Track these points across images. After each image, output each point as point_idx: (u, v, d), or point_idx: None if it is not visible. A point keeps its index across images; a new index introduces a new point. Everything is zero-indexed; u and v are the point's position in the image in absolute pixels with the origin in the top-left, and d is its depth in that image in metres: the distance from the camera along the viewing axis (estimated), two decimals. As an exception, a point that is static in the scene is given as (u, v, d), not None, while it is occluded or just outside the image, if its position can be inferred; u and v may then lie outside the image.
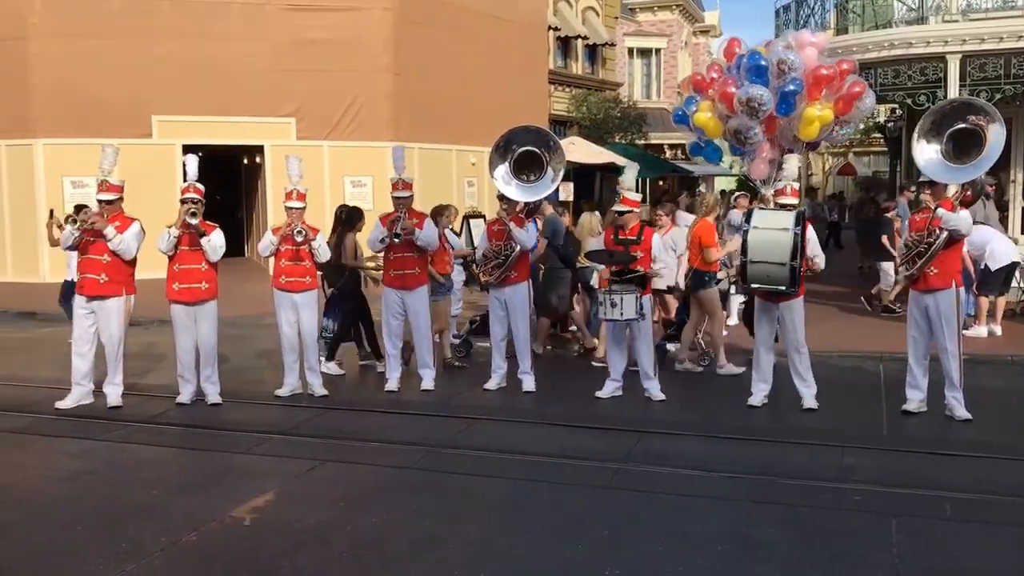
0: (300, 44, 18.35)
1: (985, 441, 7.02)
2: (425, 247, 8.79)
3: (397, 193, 8.76)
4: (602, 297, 8.20)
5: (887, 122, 27.69)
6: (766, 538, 5.19)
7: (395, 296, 8.80)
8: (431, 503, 5.82)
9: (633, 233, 8.39)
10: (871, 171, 42.91)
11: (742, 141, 11.05)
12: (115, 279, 8.07)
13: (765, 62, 10.85)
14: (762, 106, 10.53)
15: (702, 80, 11.23)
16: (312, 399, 8.51)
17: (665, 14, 36.86)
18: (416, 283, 8.80)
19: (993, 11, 15.09)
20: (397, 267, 8.77)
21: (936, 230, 7.45)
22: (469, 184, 21.25)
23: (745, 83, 10.97)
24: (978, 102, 7.55)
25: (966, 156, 7.33)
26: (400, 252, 8.71)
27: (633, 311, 8.07)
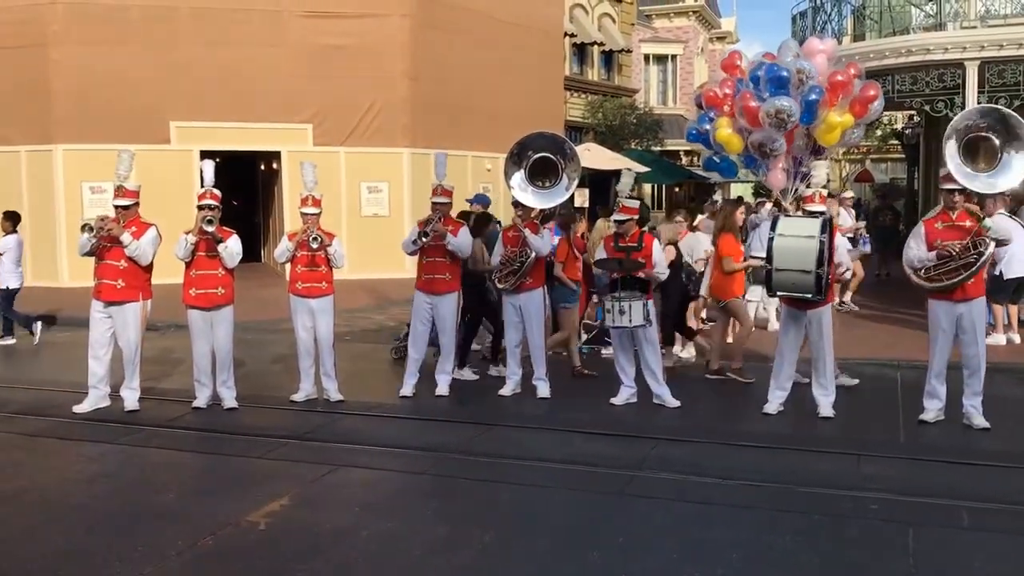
0: (317, 50, 18.44)
1: (1003, 450, 6.97)
2: (457, 253, 8.79)
3: (436, 199, 8.83)
4: (610, 304, 8.18)
5: (905, 129, 27.57)
6: (783, 546, 5.16)
7: (424, 300, 8.84)
8: (446, 508, 5.83)
9: (633, 240, 8.38)
10: (888, 178, 42.65)
11: (766, 154, 10.98)
12: (132, 284, 8.12)
13: (787, 72, 10.80)
14: (790, 117, 10.48)
15: (715, 96, 11.15)
16: (328, 404, 8.53)
17: (681, 20, 36.85)
18: (446, 288, 8.82)
19: (1012, 17, 15.03)
20: (428, 271, 8.81)
21: (984, 240, 7.30)
22: (484, 190, 21.28)
23: (767, 95, 10.89)
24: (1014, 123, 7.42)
25: (976, 162, 7.30)
26: (432, 257, 8.76)
27: (641, 317, 8.08)
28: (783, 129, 10.53)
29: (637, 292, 8.19)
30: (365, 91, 18.84)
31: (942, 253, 7.42)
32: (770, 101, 10.41)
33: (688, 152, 33.70)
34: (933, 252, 7.46)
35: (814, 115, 10.78)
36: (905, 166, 31.43)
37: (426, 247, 8.72)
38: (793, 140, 11.28)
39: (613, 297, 8.19)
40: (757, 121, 10.45)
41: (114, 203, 8.21)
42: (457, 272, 8.98)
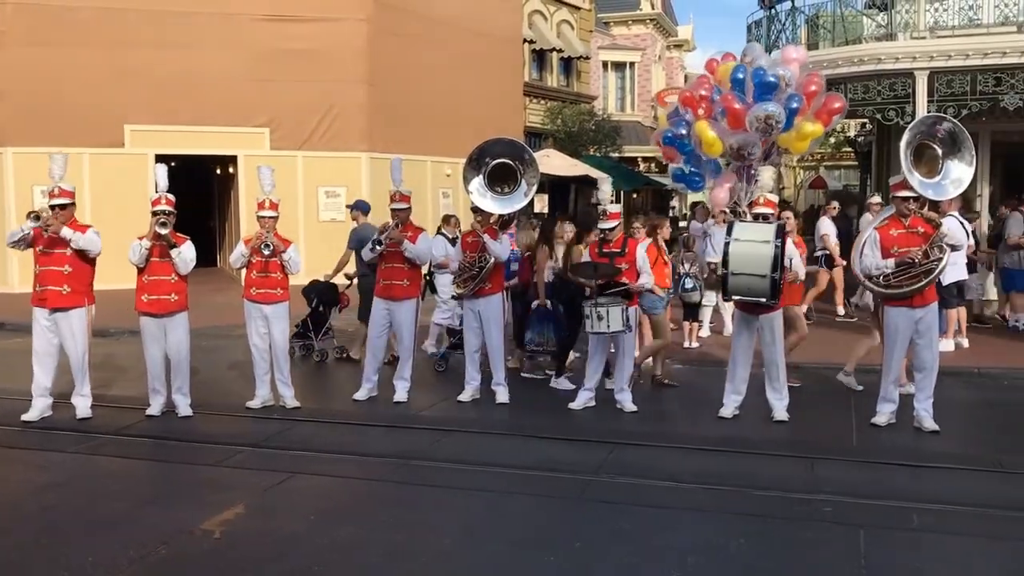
0: (274, 54, 18.30)
1: (952, 453, 7.11)
2: (415, 260, 8.76)
3: (394, 205, 8.81)
4: (588, 310, 8.20)
5: (857, 136, 28.06)
6: (737, 549, 5.21)
7: (382, 307, 8.80)
8: (403, 515, 5.80)
9: (618, 246, 8.43)
10: (842, 184, 43.36)
11: (743, 157, 11.07)
12: (77, 289, 7.97)
13: (775, 78, 10.90)
14: (778, 123, 10.59)
15: (691, 97, 11.20)
16: (284, 411, 8.46)
17: (639, 28, 37.16)
18: (403, 295, 8.78)
19: (959, 28, 15.38)
20: (386, 277, 8.77)
21: (941, 246, 7.42)
22: (444, 195, 21.26)
23: (750, 99, 10.97)
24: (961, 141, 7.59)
25: (919, 168, 7.47)
26: (390, 263, 8.72)
27: (620, 323, 8.10)
28: (768, 135, 10.64)
29: (618, 298, 8.21)
30: (322, 95, 18.73)
31: (902, 260, 7.51)
32: (759, 106, 10.50)
33: (647, 158, 33.96)
34: (891, 259, 7.56)
35: (791, 123, 10.93)
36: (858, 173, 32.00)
37: (384, 253, 8.68)
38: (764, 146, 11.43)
39: (591, 303, 8.20)
40: (739, 123, 10.51)
41: (50, 203, 8.03)
42: (416, 278, 8.93)
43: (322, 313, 11.02)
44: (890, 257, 7.55)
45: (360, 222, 11.02)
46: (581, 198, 27.20)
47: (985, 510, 5.81)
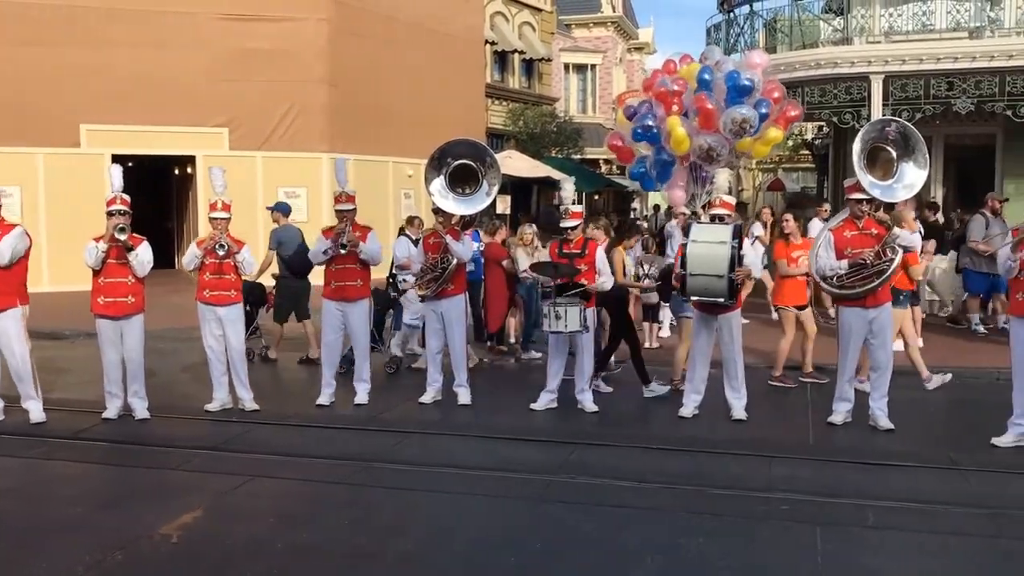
0: (234, 54, 18.13)
1: (906, 451, 7.23)
2: (368, 260, 8.71)
3: (340, 206, 8.71)
4: (547, 309, 8.23)
5: (814, 139, 28.42)
6: (696, 548, 5.26)
7: (335, 308, 8.73)
8: (364, 518, 5.78)
9: (578, 247, 8.46)
10: (800, 187, 43.89)
11: (710, 158, 11.14)
12: (6, 291, 7.79)
13: (749, 82, 10.99)
14: (751, 127, 10.67)
15: (666, 92, 11.24)
16: (243, 414, 8.38)
17: (600, 31, 37.35)
18: (357, 295, 8.72)
19: (914, 33, 15.66)
20: (338, 279, 8.68)
21: (894, 247, 7.55)
22: (406, 196, 21.19)
23: (722, 101, 11.05)
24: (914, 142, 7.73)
25: (874, 171, 7.61)
26: (342, 264, 8.65)
27: (577, 323, 8.14)
28: (740, 137, 10.72)
29: (576, 298, 8.25)
30: (283, 95, 18.59)
31: (856, 261, 7.63)
32: (734, 109, 10.57)
33: (608, 160, 34.11)
34: (844, 260, 7.68)
35: (758, 128, 11.04)
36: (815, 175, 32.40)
37: (334, 255, 8.61)
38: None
39: (550, 302, 8.23)
40: (710, 124, 10.58)
41: None
42: (368, 278, 8.88)
43: (249, 313, 10.83)
44: (844, 258, 7.67)
45: (281, 223, 11.04)
46: (543, 199, 27.28)
47: (938, 506, 5.92)
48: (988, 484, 6.36)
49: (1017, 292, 7.10)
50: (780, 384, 9.42)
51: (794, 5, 17.96)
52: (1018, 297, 7.09)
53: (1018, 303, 7.09)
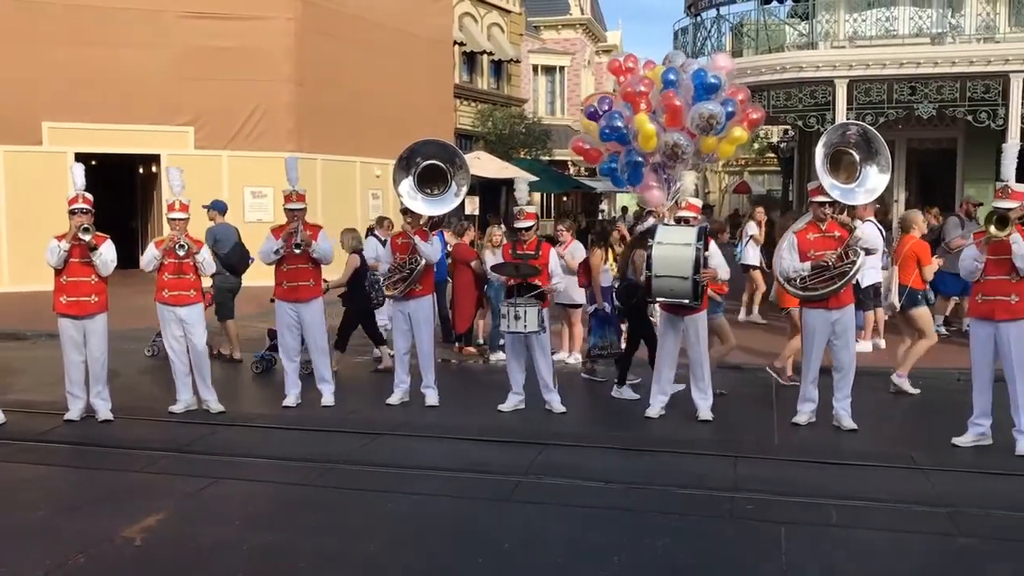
0: (200, 52, 17.97)
1: (870, 450, 7.32)
2: (320, 260, 8.67)
3: (291, 205, 8.66)
4: (505, 310, 8.25)
5: (780, 142, 28.70)
6: (663, 548, 5.29)
7: (288, 309, 8.66)
8: (330, 520, 5.75)
9: (531, 248, 8.48)
10: (765, 189, 44.33)
11: (675, 156, 11.18)
12: None
13: (716, 79, 11.04)
14: (719, 124, 10.72)
15: (633, 92, 11.25)
16: (208, 415, 8.30)
17: (569, 33, 37.43)
18: (310, 295, 8.68)
19: (877, 39, 15.87)
20: (291, 279, 8.62)
21: (855, 250, 7.64)
22: (374, 196, 21.13)
23: (690, 99, 11.07)
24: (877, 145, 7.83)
25: (838, 174, 7.72)
26: (293, 264, 8.58)
27: (536, 324, 8.17)
28: (707, 133, 10.77)
29: (533, 299, 8.28)
30: (249, 94, 18.45)
31: (818, 263, 7.73)
32: (701, 105, 10.60)
33: (576, 162, 34.22)
34: (807, 262, 7.78)
35: (724, 126, 11.11)
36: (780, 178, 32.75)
37: (285, 255, 8.54)
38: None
39: (509, 303, 8.25)
40: (677, 121, 10.61)
41: None
42: (320, 277, 8.82)
43: None
44: (807, 260, 7.76)
45: (217, 221, 11.06)
46: (512, 201, 27.31)
47: (900, 505, 6.00)
48: (948, 483, 6.45)
49: (977, 294, 7.22)
50: (774, 376, 9.51)
51: (760, 10, 18.16)
52: (977, 299, 7.21)
53: (977, 305, 7.21)
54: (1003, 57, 14.38)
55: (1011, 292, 6.96)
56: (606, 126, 11.38)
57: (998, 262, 6.98)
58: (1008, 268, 6.93)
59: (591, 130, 12.13)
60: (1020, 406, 7.04)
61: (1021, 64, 14.21)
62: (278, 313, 8.74)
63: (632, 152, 11.35)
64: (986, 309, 7.10)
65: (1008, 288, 6.97)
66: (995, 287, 7.03)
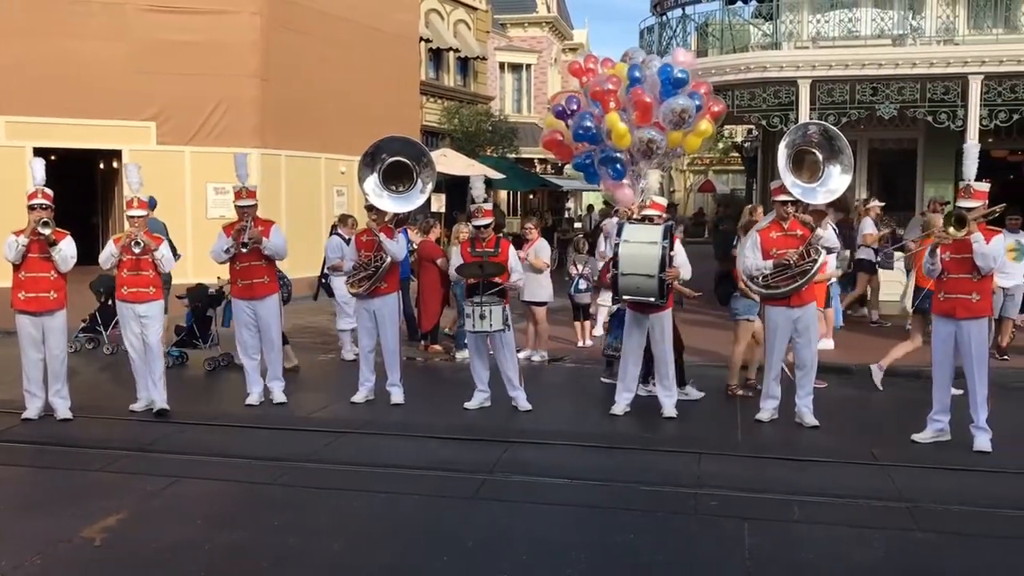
0: (162, 46, 17.72)
1: (830, 447, 7.41)
2: (272, 255, 8.61)
3: (241, 202, 8.60)
4: (470, 309, 8.24)
5: (744, 142, 28.95)
6: (628, 544, 5.32)
7: (244, 307, 8.60)
8: (293, 519, 5.71)
9: (491, 245, 8.48)
10: (729, 188, 44.69)
11: (650, 152, 11.22)
12: None
13: (683, 74, 11.09)
14: (690, 117, 10.77)
15: (602, 91, 11.28)
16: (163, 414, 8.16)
17: (535, 31, 37.46)
18: (264, 292, 8.62)
19: (840, 40, 16.04)
20: (244, 277, 8.56)
21: (817, 248, 7.73)
22: (339, 193, 20.97)
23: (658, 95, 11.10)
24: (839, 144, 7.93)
25: (801, 174, 7.81)
26: (246, 262, 8.52)
27: (500, 322, 8.17)
28: (679, 128, 10.81)
29: (496, 297, 8.27)
30: (212, 89, 18.22)
31: (780, 262, 7.80)
32: (673, 99, 10.65)
33: (543, 160, 34.26)
34: (770, 261, 7.85)
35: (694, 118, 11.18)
36: (744, 177, 33.05)
37: (237, 253, 8.48)
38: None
39: (473, 302, 8.23)
40: (647, 118, 10.64)
41: None
42: (274, 274, 8.78)
43: (111, 307, 10.55)
44: (770, 259, 7.83)
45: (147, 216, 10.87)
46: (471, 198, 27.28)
47: (860, 500, 6.07)
48: (907, 479, 6.54)
49: (939, 292, 7.30)
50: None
51: (725, 9, 18.28)
52: (940, 297, 7.29)
53: (939, 303, 7.30)
54: (962, 59, 14.60)
55: (972, 291, 7.06)
56: (578, 126, 11.41)
57: (960, 261, 7.06)
58: (969, 267, 7.02)
59: (559, 127, 12.15)
60: (979, 404, 7.16)
61: (979, 66, 14.43)
62: (234, 311, 8.71)
63: (607, 149, 11.38)
64: (948, 307, 7.19)
65: (969, 287, 7.07)
66: (957, 286, 7.12)
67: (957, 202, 7.29)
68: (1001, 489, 6.36)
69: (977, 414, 7.18)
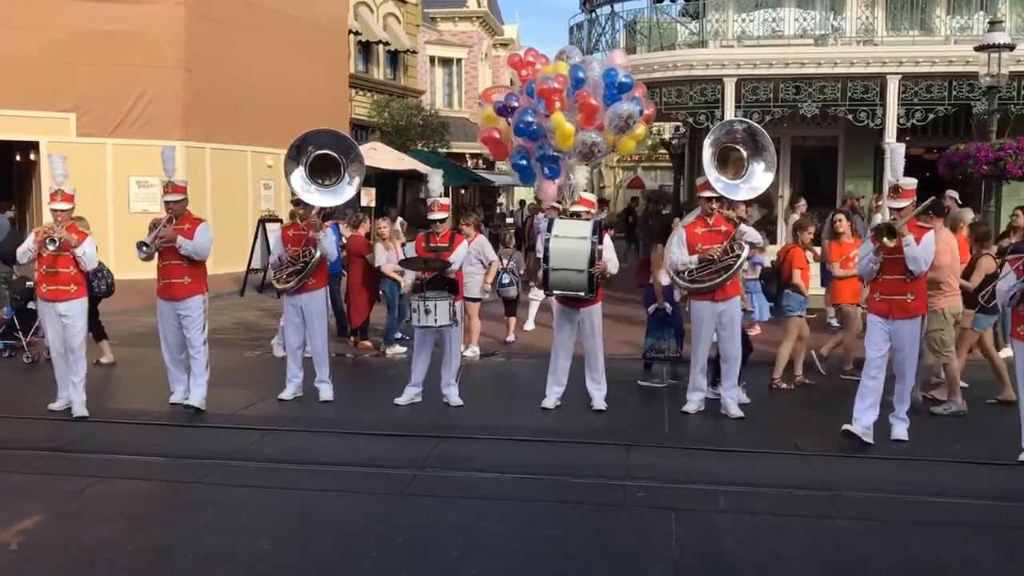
0: (83, 35, 17.25)
1: (755, 438, 7.57)
2: (191, 256, 8.11)
3: (168, 197, 8.17)
4: (415, 304, 8.18)
5: (672, 139, 29.33)
6: (558, 537, 5.36)
7: (166, 307, 8.22)
8: (219, 518, 5.61)
9: (445, 240, 8.45)
10: (658, 184, 45.23)
11: (591, 154, 11.24)
12: None
13: (627, 79, 11.13)
14: (634, 123, 10.82)
15: (548, 89, 11.24)
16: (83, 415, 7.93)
17: (466, 25, 37.37)
18: (185, 293, 8.13)
19: (764, 39, 16.35)
20: (164, 276, 8.13)
21: (740, 244, 7.86)
22: (266, 187, 20.67)
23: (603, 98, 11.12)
24: (763, 141, 8.09)
25: (726, 170, 7.96)
26: (168, 260, 8.09)
27: (447, 317, 8.13)
28: (624, 132, 10.86)
29: (444, 292, 8.22)
30: (135, 80, 17.81)
31: (704, 257, 7.94)
32: (619, 104, 10.68)
33: (474, 155, 34.22)
34: (695, 256, 7.98)
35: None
36: (672, 173, 33.50)
37: (161, 250, 8.06)
38: None
39: (419, 296, 8.17)
40: (591, 120, 10.66)
41: None
42: (198, 274, 8.25)
43: (32, 311, 10.01)
44: (695, 254, 7.96)
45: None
46: (409, 192, 27.12)
47: (784, 490, 6.22)
48: (828, 468, 6.71)
49: (875, 293, 7.35)
50: (852, 378, 9.00)
51: (653, 8, 18.48)
52: (876, 297, 7.33)
53: (875, 303, 7.33)
54: (880, 59, 15.02)
55: (907, 291, 7.17)
56: (520, 121, 11.34)
57: (894, 262, 7.16)
58: (903, 268, 7.12)
59: (498, 124, 12.04)
60: (904, 398, 7.33)
61: (897, 66, 14.87)
62: (158, 311, 8.31)
63: (546, 147, 11.38)
64: (884, 308, 7.24)
65: (904, 287, 7.17)
66: (892, 286, 7.21)
67: (888, 202, 7.38)
68: (916, 476, 6.58)
69: (899, 405, 7.37)
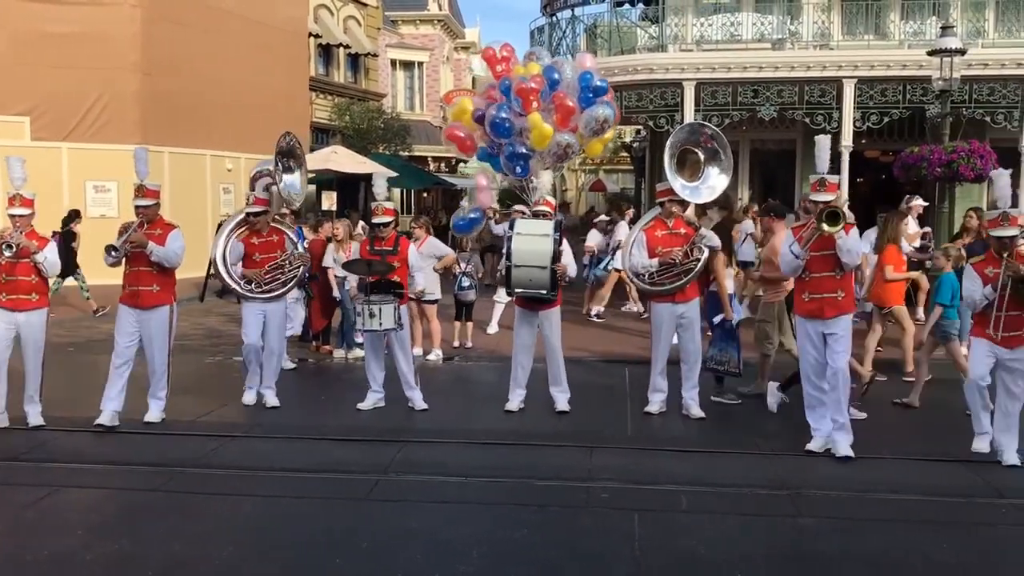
0: (37, 37, 16.97)
1: (717, 438, 7.64)
2: (162, 263, 7.83)
3: (139, 201, 7.94)
4: (360, 308, 8.14)
5: (633, 142, 29.49)
6: (521, 540, 5.37)
7: (128, 315, 7.87)
8: (180, 526, 5.55)
9: (390, 243, 8.43)
10: (619, 187, 45.49)
11: (564, 156, 11.25)
12: None
13: (602, 83, 11.17)
14: (609, 126, 10.88)
15: (526, 88, 11.23)
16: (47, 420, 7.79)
17: (427, 28, 37.31)
18: (153, 302, 7.83)
19: (723, 43, 16.54)
20: (131, 282, 7.84)
21: (700, 247, 7.92)
22: (225, 191, 20.47)
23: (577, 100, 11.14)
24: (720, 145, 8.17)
25: (683, 173, 8.05)
26: (136, 266, 7.81)
27: (392, 321, 8.10)
28: (599, 135, 10.90)
29: (389, 296, 8.19)
30: (91, 83, 17.55)
31: (665, 260, 7.99)
32: (596, 108, 10.72)
33: (437, 158, 34.16)
34: (656, 259, 8.03)
35: None
36: (633, 176, 33.71)
37: (129, 255, 7.79)
38: None
39: (364, 300, 8.14)
40: (567, 122, 10.69)
41: None
42: (168, 283, 7.94)
43: None
44: (655, 257, 8.01)
45: None
46: (371, 196, 26.98)
47: (745, 489, 6.28)
48: (790, 467, 6.80)
49: (803, 292, 7.19)
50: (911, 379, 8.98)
51: (613, 12, 18.62)
52: (804, 298, 7.17)
53: (804, 304, 7.17)
54: (837, 63, 15.27)
55: (837, 288, 6.99)
56: (495, 116, 11.29)
57: (823, 258, 6.98)
58: (833, 264, 6.94)
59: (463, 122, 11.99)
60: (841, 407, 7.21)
61: (853, 70, 15.12)
62: (118, 316, 7.97)
63: (516, 144, 11.37)
64: (815, 308, 7.04)
65: (834, 285, 6.99)
66: (821, 285, 7.01)
67: (811, 196, 7.20)
68: (876, 474, 6.66)
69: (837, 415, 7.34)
